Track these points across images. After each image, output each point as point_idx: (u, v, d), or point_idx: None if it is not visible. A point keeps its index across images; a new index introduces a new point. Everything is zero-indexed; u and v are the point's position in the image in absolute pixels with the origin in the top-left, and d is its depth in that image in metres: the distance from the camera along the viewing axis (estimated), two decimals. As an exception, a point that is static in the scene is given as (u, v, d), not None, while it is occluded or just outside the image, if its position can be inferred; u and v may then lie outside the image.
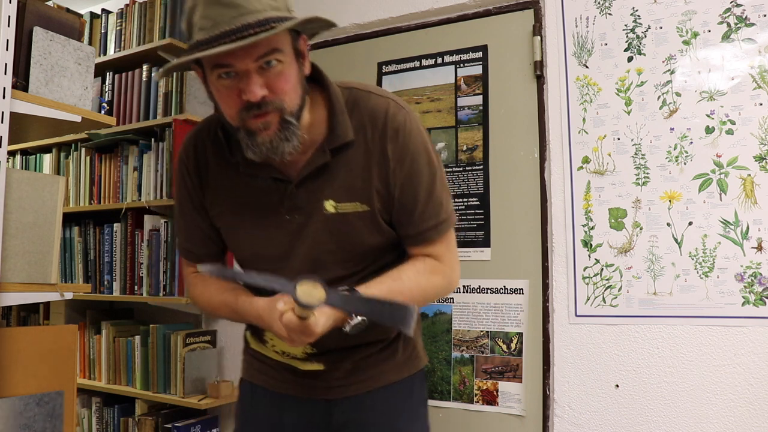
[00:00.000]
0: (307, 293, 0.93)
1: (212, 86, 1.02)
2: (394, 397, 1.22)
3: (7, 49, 1.27)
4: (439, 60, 2.23)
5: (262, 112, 0.98)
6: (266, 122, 0.99)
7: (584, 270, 1.91)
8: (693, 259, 1.77)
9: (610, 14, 1.92)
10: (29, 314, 2.87)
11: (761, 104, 1.71)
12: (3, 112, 1.27)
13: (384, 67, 2.32)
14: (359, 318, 1.02)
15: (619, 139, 1.89)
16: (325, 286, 0.94)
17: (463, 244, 2.12)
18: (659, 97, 1.84)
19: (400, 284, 1.08)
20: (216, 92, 1.02)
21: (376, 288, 1.06)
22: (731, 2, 1.76)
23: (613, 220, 1.88)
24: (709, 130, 1.77)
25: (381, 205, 1.10)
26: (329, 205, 1.09)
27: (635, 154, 1.86)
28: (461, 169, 2.14)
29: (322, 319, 0.98)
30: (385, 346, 1.22)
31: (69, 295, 1.46)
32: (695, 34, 1.81)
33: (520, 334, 2.01)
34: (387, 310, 0.94)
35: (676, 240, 1.80)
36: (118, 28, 2.69)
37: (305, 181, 1.09)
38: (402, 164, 1.09)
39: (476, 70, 2.16)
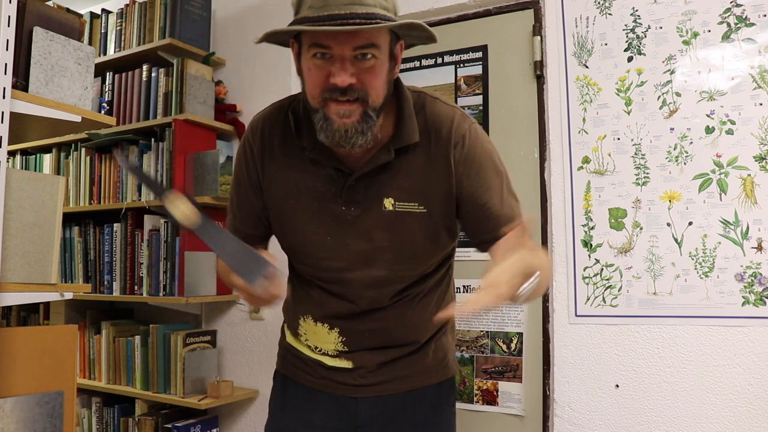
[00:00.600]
0: (179, 209, 0.95)
1: (304, 62, 1.04)
2: (420, 401, 1.23)
3: (7, 49, 1.27)
4: (439, 60, 2.23)
5: (344, 99, 1.00)
6: (349, 110, 1.01)
7: (584, 270, 1.91)
8: (693, 259, 1.77)
9: (610, 14, 1.92)
10: (29, 314, 2.87)
11: (761, 104, 1.71)
12: (3, 112, 1.27)
13: (384, 67, 2.32)
14: (532, 282, 0.91)
15: (619, 139, 1.89)
16: (200, 211, 0.96)
17: (463, 243, 2.11)
18: (659, 97, 1.84)
19: (530, 256, 0.97)
20: (306, 69, 1.04)
21: (511, 260, 0.94)
22: (731, 2, 1.76)
23: (613, 220, 1.88)
24: (709, 130, 1.77)
25: (440, 209, 1.12)
26: (388, 203, 1.11)
27: (635, 154, 1.86)
28: (461, 169, 2.14)
29: None
30: (416, 349, 1.23)
31: (69, 295, 1.46)
32: (695, 34, 1.81)
33: (520, 334, 2.01)
34: (246, 257, 0.94)
35: (676, 240, 1.80)
36: (118, 28, 2.68)
37: (365, 177, 1.11)
38: (469, 172, 1.10)
39: (476, 70, 2.16)
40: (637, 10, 1.88)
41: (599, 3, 1.94)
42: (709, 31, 1.79)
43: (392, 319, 1.19)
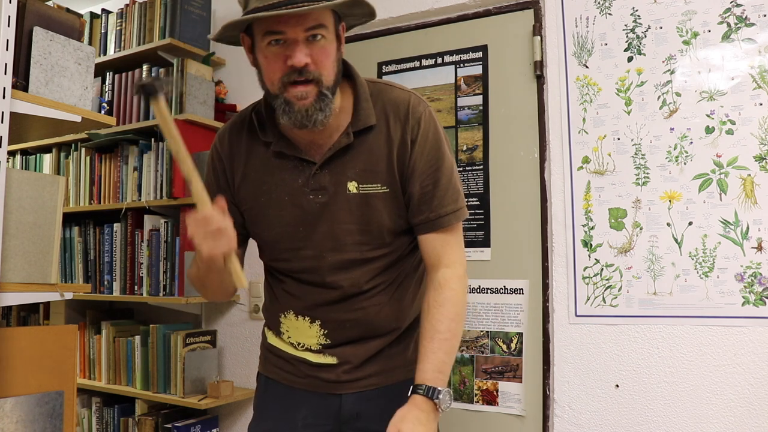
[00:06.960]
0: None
1: (260, 53, 1.09)
2: (404, 394, 1.24)
3: (7, 49, 1.27)
4: (439, 60, 2.23)
5: (302, 80, 1.06)
6: (305, 92, 1.06)
7: (584, 270, 1.91)
8: (693, 259, 1.77)
9: (610, 14, 1.92)
10: (29, 314, 2.87)
11: (761, 104, 1.71)
12: (3, 112, 1.27)
13: (384, 67, 2.32)
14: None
15: (619, 139, 1.89)
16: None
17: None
18: (659, 97, 1.84)
19: (441, 335, 1.14)
20: (263, 58, 1.09)
21: (432, 358, 1.13)
22: (731, 2, 1.76)
23: (613, 220, 1.88)
24: (709, 130, 1.77)
25: (401, 188, 1.17)
26: (352, 186, 1.16)
27: (635, 154, 1.86)
28: (461, 169, 2.14)
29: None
30: (397, 339, 1.25)
31: (69, 295, 1.46)
32: (695, 34, 1.81)
33: (520, 334, 2.01)
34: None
35: (676, 240, 1.80)
36: (118, 28, 2.68)
37: (329, 163, 1.16)
38: (423, 151, 1.16)
39: (476, 70, 2.16)
40: (637, 10, 1.88)
41: (599, 3, 1.94)
42: (709, 31, 1.79)
43: (371, 307, 1.21)
